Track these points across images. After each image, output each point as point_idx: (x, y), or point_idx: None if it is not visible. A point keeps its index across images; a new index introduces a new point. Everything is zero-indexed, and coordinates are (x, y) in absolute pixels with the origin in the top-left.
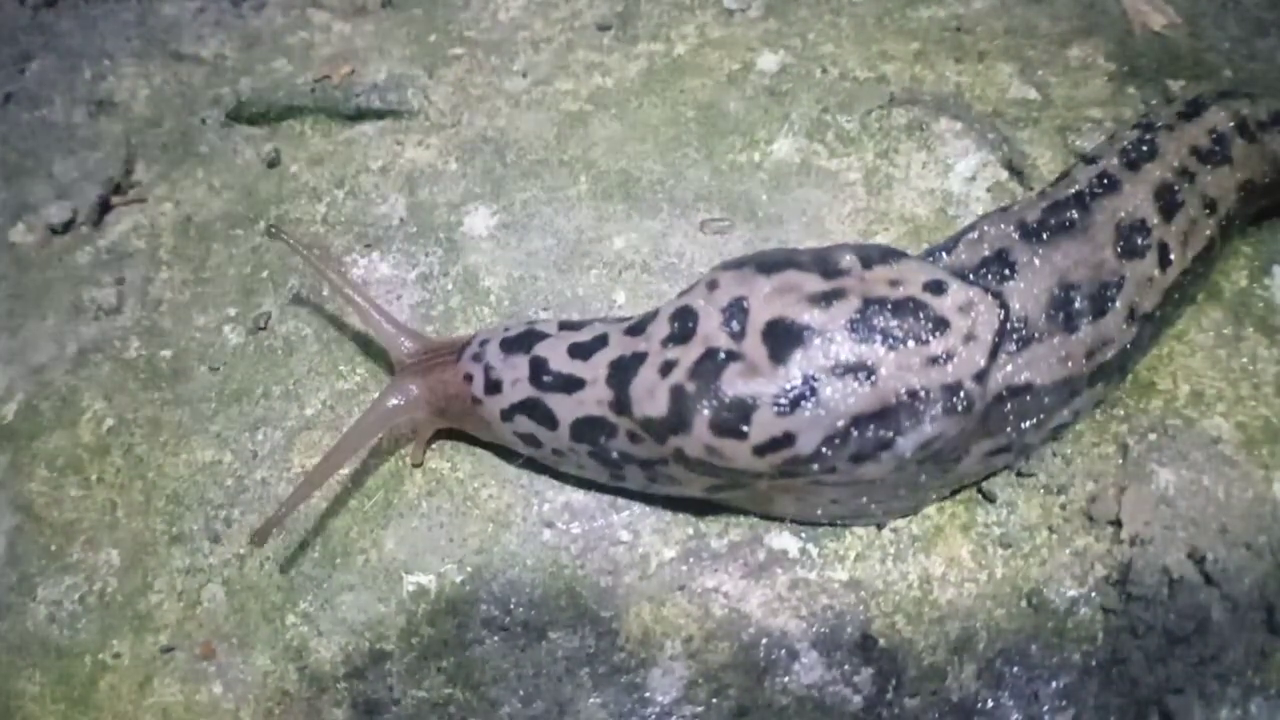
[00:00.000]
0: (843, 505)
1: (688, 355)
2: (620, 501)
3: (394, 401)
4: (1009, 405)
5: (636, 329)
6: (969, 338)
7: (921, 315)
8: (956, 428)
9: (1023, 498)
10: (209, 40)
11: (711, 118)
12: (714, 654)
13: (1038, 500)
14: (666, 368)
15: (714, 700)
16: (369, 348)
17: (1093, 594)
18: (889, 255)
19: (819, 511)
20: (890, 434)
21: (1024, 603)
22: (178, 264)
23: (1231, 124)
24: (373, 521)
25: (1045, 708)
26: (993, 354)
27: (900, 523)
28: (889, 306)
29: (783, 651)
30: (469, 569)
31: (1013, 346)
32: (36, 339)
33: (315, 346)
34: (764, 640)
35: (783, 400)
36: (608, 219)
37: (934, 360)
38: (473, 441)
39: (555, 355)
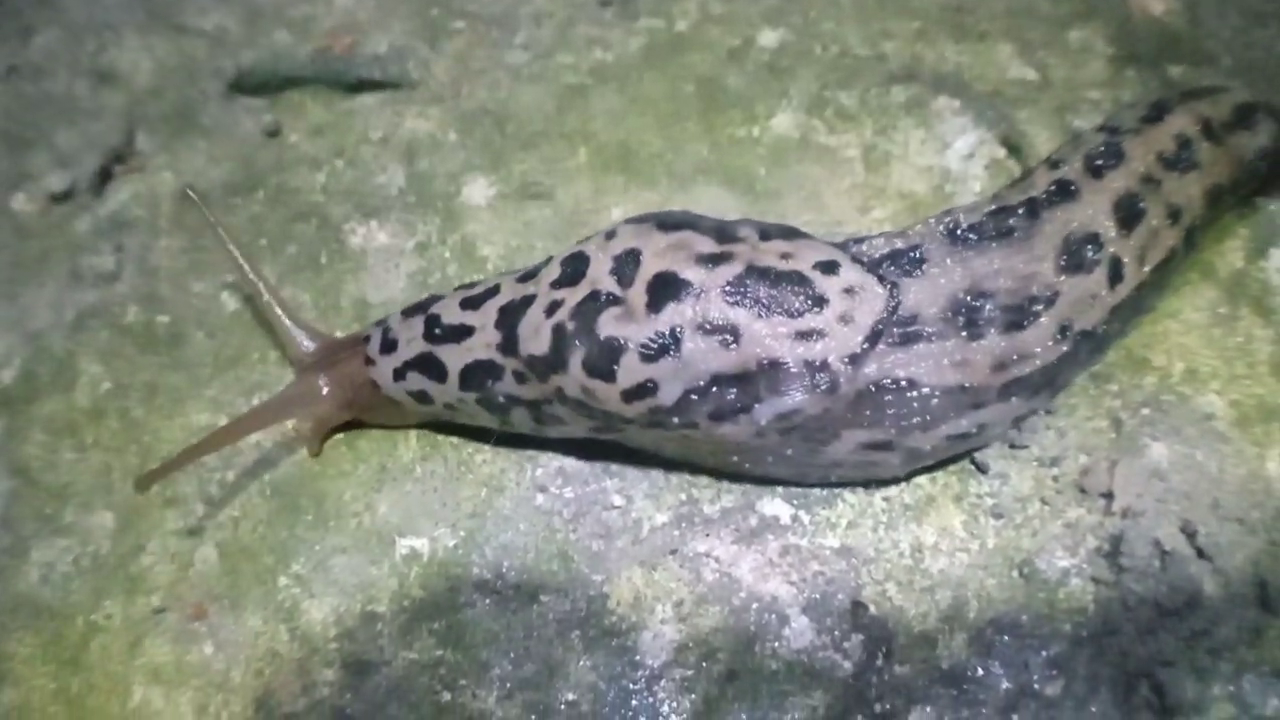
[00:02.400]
0: (719, 461)
1: (573, 296)
2: (614, 467)
3: (298, 392)
4: (887, 398)
5: (528, 275)
6: (845, 319)
7: (801, 290)
8: (818, 406)
9: (1015, 469)
10: (211, 13)
11: (711, 93)
12: (704, 618)
13: (1030, 472)
14: (552, 308)
15: (704, 664)
16: (367, 315)
17: (1084, 565)
18: (791, 233)
19: (710, 464)
20: (749, 399)
21: (1015, 573)
22: (176, 232)
23: (1196, 127)
24: (367, 485)
25: (1035, 677)
26: (870, 340)
27: (892, 491)
28: (770, 276)
29: (773, 617)
30: (462, 533)
31: (895, 338)
32: (35, 306)
33: (312, 313)
34: (754, 605)
35: (648, 347)
36: (606, 191)
37: (803, 335)
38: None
39: (448, 310)
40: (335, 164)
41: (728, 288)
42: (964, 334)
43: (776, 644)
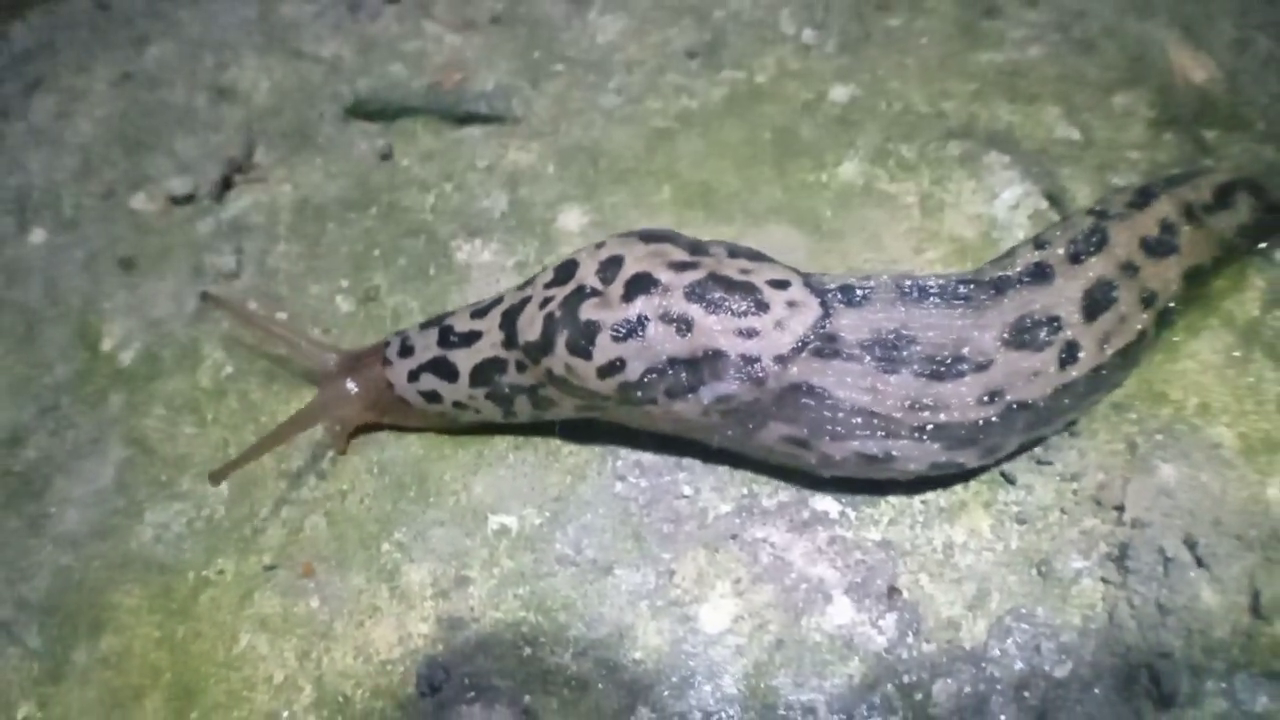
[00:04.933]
0: (680, 433)
1: (562, 292)
2: (685, 461)
3: (330, 396)
4: (804, 400)
5: (527, 283)
6: (780, 325)
7: (750, 297)
8: (750, 395)
9: (1040, 482)
10: (328, 42)
11: (785, 140)
12: (758, 594)
13: (1053, 485)
14: (545, 302)
15: (756, 633)
16: None
17: (1095, 567)
18: (757, 256)
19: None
20: (696, 381)
21: (1034, 571)
22: (294, 239)
23: (1178, 213)
24: (465, 469)
25: (1046, 660)
26: (797, 346)
27: (930, 495)
28: (726, 283)
29: (819, 596)
30: (547, 513)
31: (817, 350)
32: (155, 296)
33: (420, 318)
34: (803, 585)
35: (619, 329)
36: (687, 224)
37: (743, 332)
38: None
39: (460, 320)
40: (444, 187)
41: (689, 287)
42: (878, 364)
43: (820, 619)
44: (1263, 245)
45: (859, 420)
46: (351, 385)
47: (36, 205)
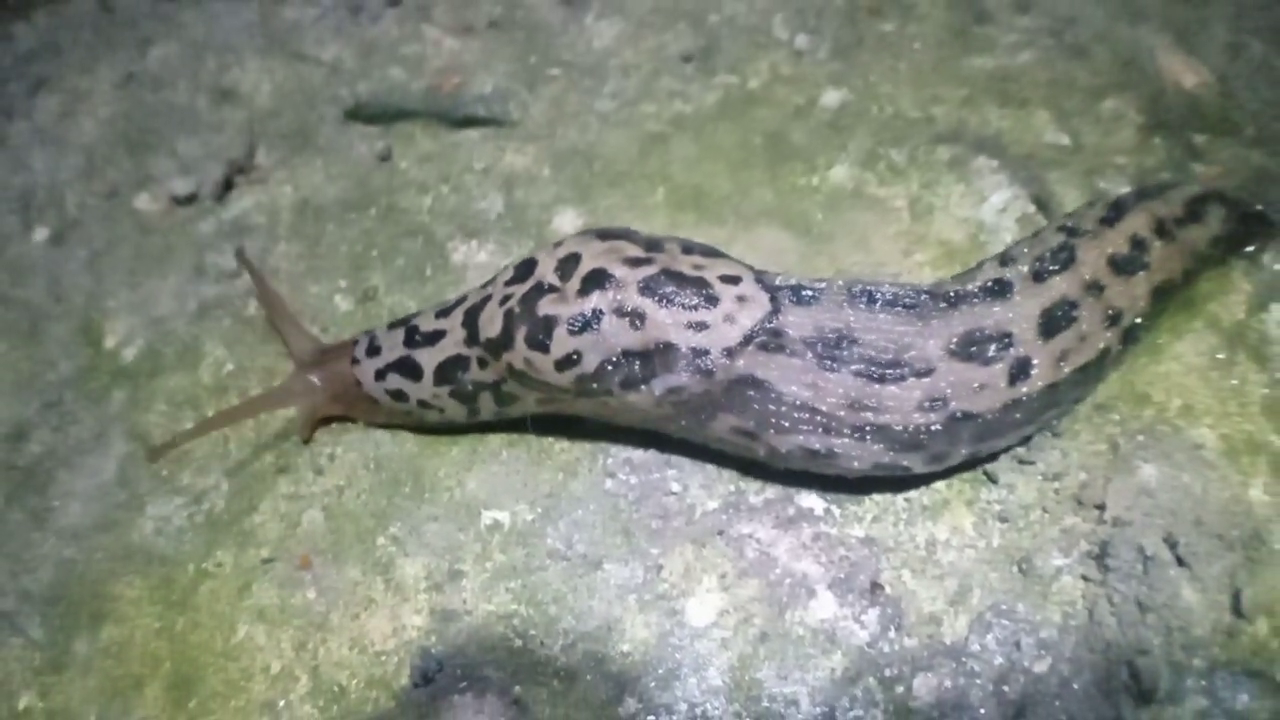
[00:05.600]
0: (637, 424)
1: (521, 289)
2: (674, 459)
3: (295, 385)
4: (750, 393)
5: (488, 282)
6: (729, 319)
7: (701, 291)
8: (700, 386)
9: (1022, 481)
10: (329, 45)
11: (777, 144)
12: (743, 589)
13: (1035, 484)
14: (505, 299)
15: (741, 627)
16: None
17: (1075, 565)
18: (711, 252)
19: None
20: (649, 373)
21: (1015, 568)
22: (294, 239)
23: (1150, 228)
24: (459, 465)
25: (1026, 655)
26: (744, 340)
27: (913, 494)
28: (679, 278)
29: (803, 590)
30: (539, 509)
31: (762, 344)
32: (158, 295)
33: None
34: (787, 580)
35: (575, 322)
36: (679, 226)
37: (693, 325)
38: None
39: (425, 320)
40: (441, 189)
41: (643, 282)
42: (819, 361)
43: (804, 613)
44: (1249, 249)
45: (802, 415)
46: (317, 379)
47: (41, 204)
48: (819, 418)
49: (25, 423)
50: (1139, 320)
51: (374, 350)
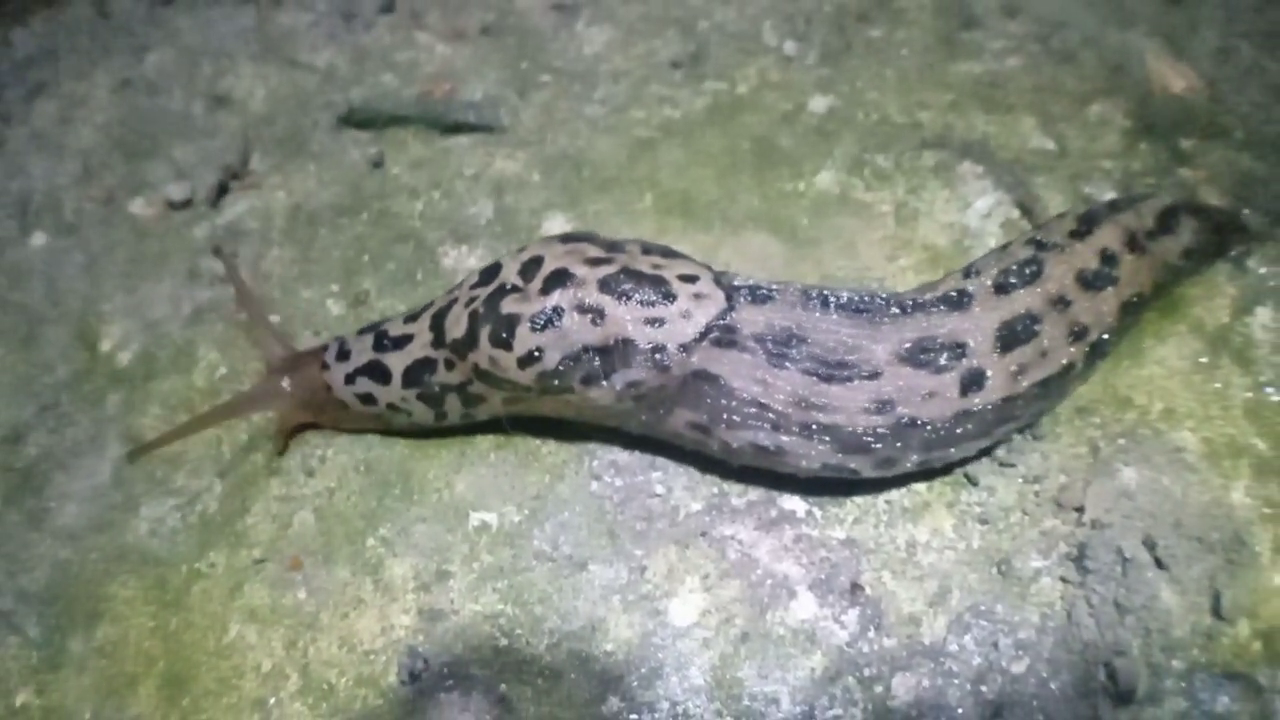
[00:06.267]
0: (599, 421)
1: (485, 291)
2: (659, 461)
3: (265, 390)
4: (704, 387)
5: (455, 287)
6: (686, 315)
7: (659, 289)
8: (657, 380)
9: (1002, 484)
10: (322, 51)
11: (764, 150)
12: (725, 590)
13: (1015, 487)
14: (470, 301)
15: (722, 627)
16: None
17: (1054, 567)
18: (670, 253)
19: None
20: (609, 368)
21: (994, 570)
22: (287, 244)
23: (1120, 242)
24: (448, 467)
25: (1004, 656)
26: (700, 335)
27: (894, 495)
28: (638, 276)
29: (784, 591)
30: (526, 510)
31: (716, 340)
32: (153, 299)
33: None
34: (769, 581)
35: (537, 320)
36: (667, 231)
37: (651, 321)
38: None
39: (394, 325)
40: (432, 195)
41: (603, 280)
42: (768, 358)
43: (785, 614)
44: (1232, 254)
45: (752, 411)
46: (286, 384)
47: (38, 209)
48: (769, 414)
49: (22, 425)
50: (1105, 336)
51: (344, 355)
